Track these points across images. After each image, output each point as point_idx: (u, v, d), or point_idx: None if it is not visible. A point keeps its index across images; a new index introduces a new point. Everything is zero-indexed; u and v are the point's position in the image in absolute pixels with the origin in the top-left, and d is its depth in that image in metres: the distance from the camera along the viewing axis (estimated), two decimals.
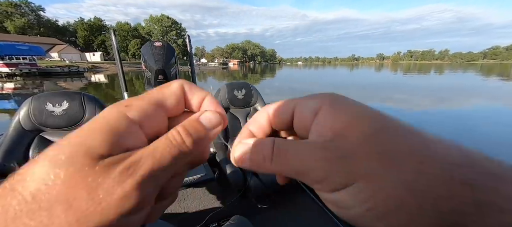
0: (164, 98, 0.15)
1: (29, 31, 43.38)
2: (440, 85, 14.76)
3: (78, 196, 0.10)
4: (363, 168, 0.11)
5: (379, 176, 0.11)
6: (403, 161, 0.11)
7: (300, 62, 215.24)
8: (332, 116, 0.13)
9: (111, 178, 0.11)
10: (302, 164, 0.13)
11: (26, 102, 1.11)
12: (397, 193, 0.10)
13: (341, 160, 0.12)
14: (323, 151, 0.12)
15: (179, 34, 59.80)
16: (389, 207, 0.11)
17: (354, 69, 49.56)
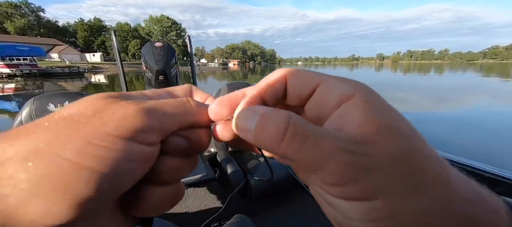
0: (175, 95, 0.16)
1: (29, 32, 43.42)
2: (440, 85, 14.77)
3: (84, 114, 0.11)
4: (387, 187, 0.10)
5: (401, 199, 0.10)
6: (427, 190, 0.10)
7: (300, 62, 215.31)
8: (367, 113, 0.11)
9: (116, 104, 0.11)
10: (321, 159, 0.11)
11: (28, 103, 1.12)
12: (414, 220, 0.10)
13: (366, 172, 0.10)
14: (348, 154, 0.10)
15: (179, 35, 59.87)
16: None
17: (354, 69, 49.61)
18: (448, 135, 4.16)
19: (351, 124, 0.11)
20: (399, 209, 0.10)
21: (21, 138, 0.10)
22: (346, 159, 0.10)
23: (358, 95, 0.12)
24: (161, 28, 57.29)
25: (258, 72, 36.64)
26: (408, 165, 0.10)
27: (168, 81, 3.07)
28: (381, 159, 0.10)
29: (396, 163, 0.10)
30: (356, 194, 0.10)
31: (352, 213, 0.11)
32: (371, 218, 0.10)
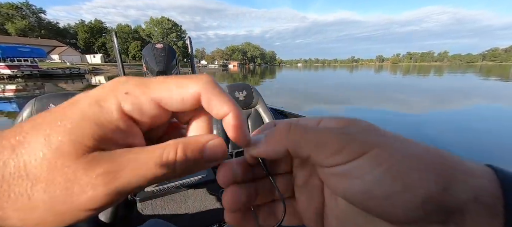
0: (167, 103, 0.14)
1: (30, 33, 43.56)
2: (439, 86, 14.79)
3: (56, 181, 0.11)
4: (378, 139, 0.13)
5: (394, 146, 0.13)
6: (395, 139, 0.13)
7: (299, 63, 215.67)
8: (334, 119, 0.16)
9: (88, 177, 0.11)
10: (321, 137, 0.14)
11: (29, 104, 1.13)
12: (410, 156, 0.12)
13: (357, 135, 0.13)
14: (339, 130, 0.14)
15: (179, 36, 60.02)
16: (404, 167, 0.12)
17: (353, 70, 49.72)
18: (448, 136, 4.17)
19: (330, 124, 0.16)
20: (395, 151, 0.12)
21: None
22: (340, 131, 0.14)
23: (324, 119, 0.17)
24: (162, 29, 57.48)
25: (258, 73, 36.70)
26: (375, 130, 0.14)
27: None
28: (363, 127, 0.14)
29: (374, 127, 0.14)
30: (358, 150, 0.13)
31: (363, 168, 0.12)
32: (377, 163, 0.12)
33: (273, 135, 0.15)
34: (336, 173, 0.13)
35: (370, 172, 0.12)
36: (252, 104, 1.83)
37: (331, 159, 0.13)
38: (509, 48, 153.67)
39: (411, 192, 0.11)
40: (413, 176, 0.11)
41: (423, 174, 0.11)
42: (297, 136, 0.14)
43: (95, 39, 50.47)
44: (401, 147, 0.13)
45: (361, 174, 0.12)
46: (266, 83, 17.86)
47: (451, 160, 0.12)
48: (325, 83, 18.12)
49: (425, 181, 0.11)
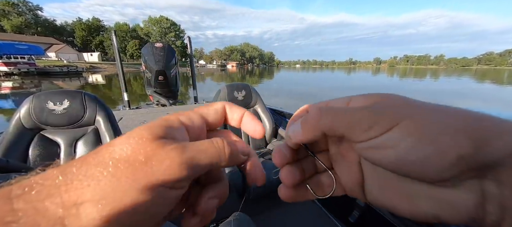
0: (208, 114, 0.19)
1: (26, 30, 43.03)
2: (436, 89, 15.03)
3: (138, 159, 0.13)
4: (407, 111, 0.14)
5: (423, 115, 0.13)
6: (425, 106, 0.14)
7: (298, 65, 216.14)
8: (362, 97, 0.17)
9: (164, 151, 0.14)
10: (352, 117, 0.15)
11: (27, 100, 1.12)
12: (440, 122, 0.13)
13: (386, 109, 0.14)
14: (368, 107, 0.15)
15: (178, 36, 59.79)
16: (434, 133, 0.12)
17: (351, 72, 50.02)
18: None
19: (358, 102, 0.17)
20: (426, 120, 0.13)
21: (93, 180, 0.12)
22: (370, 108, 0.15)
23: (353, 98, 0.18)
24: (160, 29, 57.20)
25: (256, 74, 36.77)
26: (405, 103, 0.15)
27: (167, 82, 3.18)
28: (391, 101, 0.15)
29: (396, 103, 0.15)
30: (389, 123, 0.14)
31: (396, 138, 0.13)
32: (410, 132, 0.13)
33: (307, 121, 0.17)
34: (370, 146, 0.14)
35: (402, 141, 0.13)
36: (251, 104, 1.84)
37: (363, 135, 0.14)
38: (504, 52, 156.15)
39: (442, 155, 0.12)
40: (444, 140, 0.12)
41: (454, 137, 0.12)
42: (329, 119, 0.16)
43: (92, 37, 49.99)
44: (431, 115, 0.13)
45: (393, 144, 0.13)
46: (264, 84, 17.95)
47: (485, 120, 0.12)
48: (324, 86, 18.25)
49: (455, 143, 0.12)
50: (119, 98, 8.24)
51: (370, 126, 0.14)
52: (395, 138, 0.13)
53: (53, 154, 1.16)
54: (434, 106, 0.14)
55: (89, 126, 1.25)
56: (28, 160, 1.11)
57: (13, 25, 41.22)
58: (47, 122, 1.15)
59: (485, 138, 0.12)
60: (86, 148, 1.21)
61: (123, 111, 2.83)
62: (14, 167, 0.66)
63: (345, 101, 0.18)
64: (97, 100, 1.26)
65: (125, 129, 1.87)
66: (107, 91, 11.84)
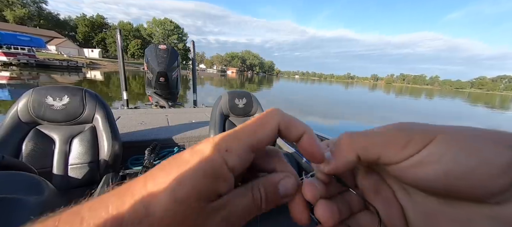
0: (259, 142, 0.16)
1: (28, 22, 42.93)
2: (432, 109, 15.30)
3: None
4: (437, 128, 0.13)
5: (453, 129, 0.13)
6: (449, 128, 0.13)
7: (297, 76, 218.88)
8: (383, 127, 0.16)
9: (213, 222, 0.14)
10: (386, 137, 0.14)
11: (26, 94, 1.10)
12: (475, 135, 0.12)
13: (417, 128, 0.14)
14: (399, 128, 0.14)
15: (181, 39, 60.29)
16: (475, 144, 0.12)
17: (349, 87, 50.88)
18: None
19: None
20: (458, 134, 0.13)
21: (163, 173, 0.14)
22: (400, 130, 0.14)
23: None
24: (164, 30, 57.69)
25: (256, 81, 37.08)
26: (428, 124, 0.14)
27: (168, 84, 3.18)
28: (414, 126, 0.14)
29: (421, 124, 0.14)
30: (422, 141, 0.13)
31: (434, 155, 0.13)
32: (447, 147, 0.12)
33: (339, 148, 0.16)
34: (411, 164, 0.13)
35: (444, 155, 0.12)
36: (251, 112, 1.85)
37: (401, 153, 0.14)
38: (496, 78, 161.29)
39: (489, 165, 0.11)
40: (487, 149, 0.12)
41: (496, 146, 0.12)
42: (362, 142, 0.15)
43: (95, 33, 50.04)
44: (462, 130, 0.13)
45: (437, 159, 0.13)
46: (262, 92, 18.07)
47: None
48: (322, 96, 18.44)
49: (499, 152, 0.11)
50: (116, 96, 8.17)
51: (406, 142, 0.13)
52: (436, 152, 0.13)
53: (47, 150, 1.14)
54: (457, 126, 0.13)
55: (86, 124, 1.24)
56: (21, 154, 1.08)
57: (16, 16, 41.10)
58: (44, 117, 1.13)
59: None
60: (82, 146, 1.19)
61: (121, 110, 2.81)
62: (9, 164, 0.64)
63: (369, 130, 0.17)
64: (97, 98, 1.24)
65: (122, 128, 1.84)
66: (104, 88, 11.73)
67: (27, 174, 0.55)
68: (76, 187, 1.14)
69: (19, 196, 0.46)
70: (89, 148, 1.19)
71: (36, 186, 0.53)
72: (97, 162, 1.20)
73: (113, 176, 1.14)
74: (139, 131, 1.85)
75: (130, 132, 1.81)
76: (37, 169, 0.69)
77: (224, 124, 1.73)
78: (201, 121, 2.33)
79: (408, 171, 0.14)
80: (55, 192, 0.57)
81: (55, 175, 1.12)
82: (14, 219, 0.40)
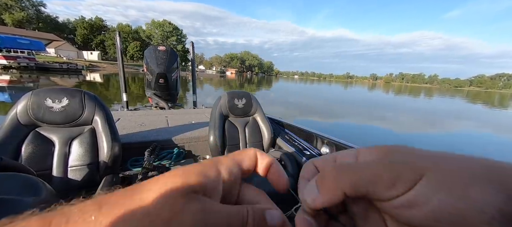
0: (243, 161, 0.19)
1: (27, 25, 42.91)
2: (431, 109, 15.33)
3: (162, 216, 0.13)
4: (427, 161, 0.13)
5: (441, 163, 0.13)
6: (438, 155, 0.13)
7: (296, 76, 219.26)
8: (369, 150, 0.16)
9: (188, 209, 0.14)
10: (372, 172, 0.14)
11: (25, 96, 1.10)
12: (463, 172, 0.12)
13: (405, 163, 0.14)
14: (384, 162, 0.14)
15: (180, 40, 60.31)
16: (463, 184, 0.12)
17: (348, 87, 50.99)
18: None
19: (371, 156, 0.16)
20: (450, 167, 0.13)
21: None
22: (387, 163, 0.14)
23: (361, 151, 0.17)
24: (162, 32, 57.72)
25: (255, 82, 37.10)
26: (416, 153, 0.14)
27: (168, 85, 3.18)
28: (406, 154, 0.15)
29: (408, 153, 0.15)
30: (412, 178, 0.13)
31: (425, 194, 0.12)
32: (439, 184, 0.12)
33: (324, 183, 0.16)
34: (399, 204, 0.13)
35: (433, 197, 0.12)
36: (251, 112, 1.84)
37: (389, 192, 0.13)
38: (494, 76, 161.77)
39: (478, 212, 0.11)
40: (477, 193, 0.11)
41: (486, 189, 0.11)
42: (349, 178, 0.15)
43: (94, 36, 50.03)
44: (450, 166, 0.13)
45: (425, 201, 0.12)
46: (261, 92, 18.07)
47: (503, 167, 0.12)
48: (322, 97, 18.43)
49: (488, 199, 0.11)
50: (115, 98, 8.16)
51: (393, 181, 0.13)
52: (424, 194, 0.12)
53: (47, 152, 1.14)
54: (446, 154, 0.13)
55: (86, 126, 1.23)
56: (21, 156, 1.08)
57: (15, 19, 41.08)
58: (43, 119, 1.13)
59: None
60: (81, 148, 1.19)
61: (121, 111, 2.80)
62: (7, 166, 0.64)
63: (353, 154, 0.17)
64: (96, 100, 1.24)
65: (122, 130, 1.84)
66: (103, 90, 11.72)
67: (25, 176, 0.55)
68: (76, 189, 1.14)
69: (17, 197, 0.46)
70: (89, 150, 1.19)
71: (34, 187, 0.53)
72: (96, 164, 1.20)
73: (112, 178, 1.14)
74: (139, 133, 1.85)
75: (130, 133, 1.81)
76: (37, 171, 0.69)
77: (223, 124, 1.72)
78: (201, 122, 2.32)
79: (398, 210, 0.14)
80: (53, 193, 0.56)
81: (54, 177, 1.12)
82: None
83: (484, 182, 0.12)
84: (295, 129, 1.96)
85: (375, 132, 6.43)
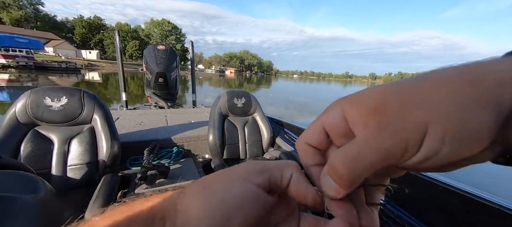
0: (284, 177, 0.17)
1: (25, 24, 42.67)
2: None
3: None
4: (422, 109, 0.13)
5: (435, 103, 0.13)
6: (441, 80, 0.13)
7: (295, 75, 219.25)
8: (352, 107, 0.15)
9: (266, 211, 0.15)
10: (382, 151, 0.13)
11: (24, 95, 1.11)
12: (461, 100, 0.12)
13: (404, 126, 0.13)
14: (384, 130, 0.14)
15: (179, 39, 60.14)
16: (465, 114, 0.12)
17: (347, 86, 51.00)
18: None
19: (359, 123, 0.15)
20: (447, 104, 0.12)
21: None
22: (390, 131, 0.14)
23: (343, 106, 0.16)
24: (161, 31, 57.54)
25: (254, 81, 37.11)
26: (399, 92, 0.14)
27: (167, 84, 3.17)
28: (395, 113, 0.14)
29: (402, 100, 0.14)
30: (417, 136, 0.13)
31: (435, 144, 0.13)
32: (441, 138, 0.12)
33: (340, 177, 0.15)
34: (413, 163, 0.14)
35: (440, 149, 0.13)
36: (250, 111, 1.84)
37: (402, 158, 0.14)
38: None
39: (481, 140, 0.12)
40: (472, 125, 0.12)
41: (478, 117, 0.12)
42: (361, 165, 0.14)
43: (92, 35, 49.79)
44: (448, 108, 0.12)
45: (434, 153, 0.13)
46: (261, 92, 18.07)
47: (479, 69, 0.12)
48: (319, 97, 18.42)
49: (483, 121, 0.12)
50: (114, 98, 8.14)
51: (403, 150, 0.13)
52: (433, 148, 0.13)
53: (46, 151, 1.13)
54: (424, 78, 0.14)
55: (85, 125, 1.23)
56: (20, 155, 1.08)
57: (12, 18, 40.81)
58: (42, 118, 1.13)
59: (501, 99, 0.11)
60: (81, 146, 1.19)
61: (120, 111, 2.80)
62: (7, 164, 0.64)
63: (340, 117, 0.16)
64: (95, 99, 1.24)
65: (121, 129, 1.84)
66: (102, 89, 11.69)
67: (24, 173, 0.55)
68: (75, 187, 1.14)
69: (16, 194, 0.46)
70: (88, 149, 1.19)
71: (33, 185, 0.53)
72: (96, 163, 1.20)
73: (112, 177, 1.14)
74: (138, 132, 1.85)
75: (129, 132, 1.81)
76: (36, 170, 0.69)
77: (223, 124, 1.73)
78: (200, 121, 2.33)
79: (412, 166, 0.14)
80: (52, 191, 0.56)
81: (54, 176, 1.12)
82: (10, 216, 0.41)
83: (475, 109, 0.12)
84: (294, 129, 1.96)
85: None
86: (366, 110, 0.15)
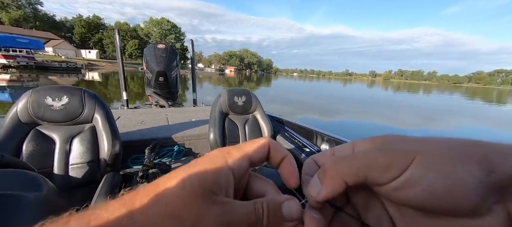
0: (253, 153, 0.19)
1: (24, 24, 42.54)
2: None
3: (185, 216, 0.14)
4: (418, 145, 0.15)
5: (429, 147, 0.14)
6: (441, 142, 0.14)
7: (295, 73, 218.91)
8: (365, 141, 0.18)
9: (213, 212, 0.15)
10: (369, 159, 0.15)
11: (25, 95, 1.11)
12: (449, 154, 0.13)
13: (398, 148, 0.15)
14: (378, 149, 0.16)
15: (178, 38, 59.96)
16: (449, 165, 0.13)
17: (347, 84, 50.98)
18: None
19: (364, 146, 0.18)
20: (431, 154, 0.14)
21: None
22: (382, 151, 0.15)
23: (356, 144, 0.19)
24: (161, 30, 57.36)
25: (254, 80, 37.05)
26: (406, 139, 0.16)
27: (167, 83, 3.17)
28: (394, 142, 0.16)
29: (399, 140, 0.16)
30: (404, 162, 0.14)
31: (416, 175, 0.14)
32: (426, 167, 0.14)
33: (326, 175, 0.17)
34: (395, 187, 0.14)
35: (424, 176, 0.13)
36: (251, 110, 1.84)
37: (385, 176, 0.15)
38: (493, 72, 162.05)
39: (463, 185, 0.12)
40: (461, 169, 0.13)
41: (468, 165, 0.13)
42: (347, 167, 0.16)
43: (92, 34, 49.65)
44: (438, 148, 0.14)
45: (417, 181, 0.14)
46: (261, 90, 18.04)
47: (483, 144, 0.13)
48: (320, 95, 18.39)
49: (471, 172, 0.12)
50: (114, 97, 8.14)
51: (388, 165, 0.14)
52: (416, 175, 0.14)
53: (48, 150, 1.14)
54: (433, 138, 0.15)
55: (86, 124, 1.23)
56: (22, 155, 1.08)
57: (11, 18, 40.68)
58: (43, 117, 1.13)
59: (495, 161, 0.12)
60: (82, 146, 1.19)
61: (121, 110, 2.80)
62: (9, 163, 0.64)
63: (350, 147, 0.18)
64: (96, 98, 1.24)
65: (122, 128, 1.84)
66: (102, 88, 11.67)
67: (27, 172, 0.55)
68: (77, 186, 1.15)
69: (18, 192, 0.47)
70: (89, 148, 1.19)
71: (35, 183, 0.53)
72: (97, 162, 1.21)
73: (113, 176, 1.14)
74: (139, 131, 1.85)
75: (130, 131, 1.81)
76: (38, 169, 0.69)
77: (223, 122, 1.73)
78: (201, 120, 2.33)
79: (395, 192, 0.15)
80: (54, 189, 0.57)
81: (56, 175, 1.12)
82: (13, 214, 0.42)
83: (468, 159, 0.13)
84: (295, 126, 1.96)
85: (374, 128, 6.45)
86: (372, 139, 0.17)
